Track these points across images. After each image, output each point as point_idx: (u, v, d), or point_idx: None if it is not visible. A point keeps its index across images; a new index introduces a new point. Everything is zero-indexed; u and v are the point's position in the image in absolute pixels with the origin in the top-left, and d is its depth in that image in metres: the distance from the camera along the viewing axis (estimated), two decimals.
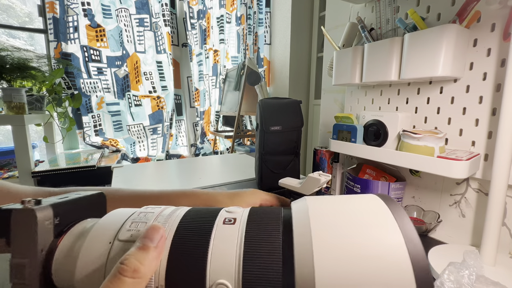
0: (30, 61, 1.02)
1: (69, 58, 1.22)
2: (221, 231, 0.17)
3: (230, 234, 0.17)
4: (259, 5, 1.65)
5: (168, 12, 1.43)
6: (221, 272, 0.15)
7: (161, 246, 0.17)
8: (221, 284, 0.15)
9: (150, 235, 0.17)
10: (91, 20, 1.27)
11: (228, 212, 0.19)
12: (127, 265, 0.15)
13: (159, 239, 0.17)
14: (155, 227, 0.17)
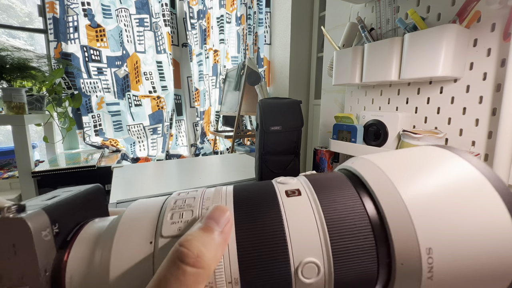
0: (30, 61, 1.02)
1: (69, 58, 1.22)
2: (290, 204, 0.14)
3: (302, 206, 0.14)
4: (259, 5, 1.65)
5: (168, 12, 1.43)
6: (305, 249, 0.13)
7: (227, 231, 0.14)
8: (309, 263, 0.13)
9: (215, 216, 0.14)
10: (91, 20, 1.27)
11: (282, 184, 0.16)
12: (188, 248, 0.12)
13: (226, 223, 0.14)
14: (220, 207, 0.14)
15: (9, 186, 1.03)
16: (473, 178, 0.13)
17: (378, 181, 0.14)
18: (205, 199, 0.15)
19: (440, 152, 0.15)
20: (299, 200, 0.14)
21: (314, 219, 0.14)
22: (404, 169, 0.14)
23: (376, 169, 0.14)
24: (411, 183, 0.13)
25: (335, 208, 0.14)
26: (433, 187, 0.13)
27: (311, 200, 0.14)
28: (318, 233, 0.13)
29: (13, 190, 1.01)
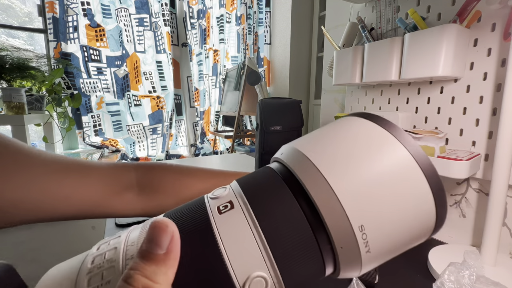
0: (30, 61, 1.01)
1: (68, 58, 1.22)
2: (223, 222, 0.13)
3: (236, 221, 0.13)
4: (259, 4, 1.65)
5: (168, 12, 1.43)
6: (247, 266, 0.13)
7: (174, 249, 0.12)
8: (256, 278, 0.13)
9: (154, 237, 0.12)
10: (91, 20, 1.26)
11: (214, 199, 0.15)
12: (132, 284, 0.11)
13: (170, 239, 0.12)
14: (157, 225, 0.12)
15: None
16: (400, 157, 0.14)
17: (308, 174, 0.14)
18: (129, 245, 0.14)
19: (369, 130, 0.15)
20: (232, 215, 0.14)
21: (251, 231, 0.13)
22: (333, 156, 0.14)
23: (304, 161, 0.14)
24: (340, 169, 0.13)
25: (271, 213, 0.13)
26: (361, 169, 0.13)
27: (244, 212, 0.14)
28: (257, 245, 0.13)
29: None
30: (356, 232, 0.13)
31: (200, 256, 0.13)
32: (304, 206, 0.13)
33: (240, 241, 0.13)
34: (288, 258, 0.13)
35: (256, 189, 0.15)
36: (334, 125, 0.16)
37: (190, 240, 0.13)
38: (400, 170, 0.13)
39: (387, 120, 0.15)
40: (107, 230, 0.57)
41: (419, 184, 0.13)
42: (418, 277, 0.45)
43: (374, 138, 0.14)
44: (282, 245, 0.13)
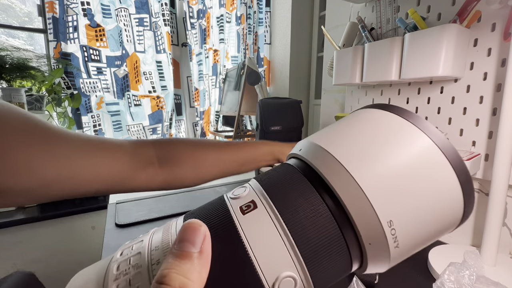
0: (30, 61, 1.01)
1: (68, 58, 1.22)
2: (248, 223, 0.13)
3: (261, 221, 0.13)
4: (259, 4, 1.65)
5: (167, 12, 1.43)
6: (276, 266, 0.12)
7: (206, 249, 0.12)
8: (285, 278, 0.12)
9: (188, 237, 0.12)
10: (91, 20, 1.26)
11: (235, 199, 0.14)
12: (169, 283, 0.11)
13: (203, 240, 0.12)
14: (191, 225, 0.12)
15: None
16: (425, 148, 0.13)
17: (332, 170, 0.13)
18: (153, 249, 0.13)
19: (390, 121, 0.14)
20: (256, 215, 0.13)
21: (277, 231, 0.13)
22: (356, 150, 0.13)
23: (327, 156, 0.14)
24: (365, 164, 0.13)
25: (296, 212, 0.13)
26: (386, 163, 0.13)
27: (268, 211, 0.13)
28: (284, 244, 0.13)
29: None
30: (385, 228, 0.12)
31: (229, 258, 0.13)
32: (329, 202, 0.13)
33: (266, 241, 0.13)
34: (316, 257, 0.13)
35: (277, 187, 0.14)
36: (351, 117, 0.16)
37: (217, 241, 0.13)
38: (425, 160, 0.13)
39: (406, 109, 0.14)
40: (107, 231, 0.57)
41: (446, 174, 0.13)
42: (418, 277, 0.45)
43: (395, 129, 0.14)
44: (309, 243, 0.13)
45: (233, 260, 0.12)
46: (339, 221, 0.13)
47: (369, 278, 0.42)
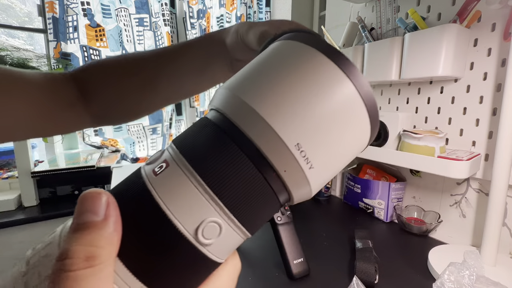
0: (30, 60, 1.01)
1: (68, 58, 1.22)
2: (160, 183, 0.13)
3: (173, 178, 0.13)
4: (259, 4, 1.65)
5: (168, 12, 1.43)
6: (195, 215, 0.12)
7: (113, 214, 0.11)
8: (210, 223, 0.13)
9: (86, 207, 0.11)
10: (91, 20, 1.26)
11: (150, 163, 0.14)
12: (72, 256, 0.10)
13: (106, 206, 0.11)
14: (87, 195, 0.11)
15: (8, 186, 1.03)
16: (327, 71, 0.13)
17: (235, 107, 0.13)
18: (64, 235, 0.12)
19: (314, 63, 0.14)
20: (168, 173, 0.13)
21: (191, 183, 0.13)
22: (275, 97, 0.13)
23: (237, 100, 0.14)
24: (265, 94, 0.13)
25: (208, 161, 0.13)
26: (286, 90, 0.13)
27: (181, 166, 0.13)
28: (201, 194, 0.13)
29: (12, 190, 1.01)
30: (294, 151, 0.13)
31: (143, 218, 0.12)
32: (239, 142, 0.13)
33: (181, 195, 0.13)
34: (238, 199, 0.13)
35: (191, 142, 0.14)
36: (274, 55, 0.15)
37: (130, 205, 0.13)
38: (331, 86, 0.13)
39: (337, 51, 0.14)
40: None
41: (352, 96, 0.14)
42: (418, 277, 0.45)
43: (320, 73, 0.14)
44: (228, 188, 0.13)
45: (148, 219, 0.12)
46: (253, 159, 0.13)
47: (369, 278, 0.42)
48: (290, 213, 0.48)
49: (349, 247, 0.54)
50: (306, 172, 0.13)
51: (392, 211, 0.65)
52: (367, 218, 0.68)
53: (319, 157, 0.13)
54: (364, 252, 0.47)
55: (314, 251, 0.52)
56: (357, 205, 0.73)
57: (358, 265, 0.43)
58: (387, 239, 0.58)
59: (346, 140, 0.14)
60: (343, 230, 0.61)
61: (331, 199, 0.81)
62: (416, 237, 0.58)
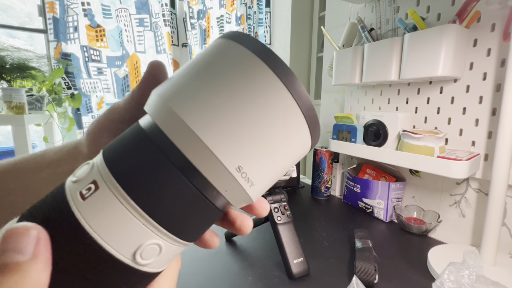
0: (30, 61, 1.02)
1: (69, 58, 1.22)
2: (89, 209, 0.12)
3: (104, 203, 0.12)
4: (259, 5, 1.65)
5: (168, 12, 1.43)
6: (132, 240, 0.12)
7: (43, 250, 0.10)
8: (149, 245, 0.12)
9: (12, 246, 0.10)
10: (91, 20, 1.26)
11: (76, 182, 0.13)
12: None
13: (35, 242, 0.10)
14: (14, 231, 0.10)
15: None
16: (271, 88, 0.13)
17: (177, 130, 0.13)
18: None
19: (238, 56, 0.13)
20: (98, 197, 0.12)
21: (124, 208, 0.12)
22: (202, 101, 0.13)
23: (172, 114, 0.13)
24: (208, 116, 0.12)
25: (143, 182, 0.12)
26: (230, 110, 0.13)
27: (112, 189, 0.12)
28: (136, 218, 0.12)
29: None
30: (235, 174, 0.13)
31: (75, 251, 0.11)
32: (178, 163, 0.12)
33: (113, 221, 0.12)
34: (176, 218, 0.13)
35: (121, 157, 0.13)
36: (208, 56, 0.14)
37: (58, 237, 0.11)
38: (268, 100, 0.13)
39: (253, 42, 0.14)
40: None
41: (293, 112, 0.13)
42: (418, 277, 0.45)
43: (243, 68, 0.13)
44: (165, 209, 0.12)
45: (81, 252, 0.11)
46: (192, 178, 0.13)
47: (369, 277, 0.42)
48: (290, 213, 0.48)
49: (348, 247, 0.54)
50: (247, 189, 0.13)
51: (391, 211, 0.65)
52: (367, 218, 0.68)
53: (260, 175, 0.13)
54: (364, 252, 0.47)
55: (314, 251, 0.52)
56: (357, 205, 0.73)
57: (358, 264, 0.43)
58: (386, 239, 0.58)
59: (287, 153, 0.14)
60: (342, 230, 0.61)
61: (330, 199, 0.81)
62: (415, 237, 0.58)
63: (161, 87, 0.14)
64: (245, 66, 0.13)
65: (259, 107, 0.13)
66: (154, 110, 0.14)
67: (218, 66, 0.13)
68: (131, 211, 0.12)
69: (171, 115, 0.13)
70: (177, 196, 0.12)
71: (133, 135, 0.14)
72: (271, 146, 0.13)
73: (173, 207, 0.12)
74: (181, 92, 0.13)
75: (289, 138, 0.14)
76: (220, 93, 0.13)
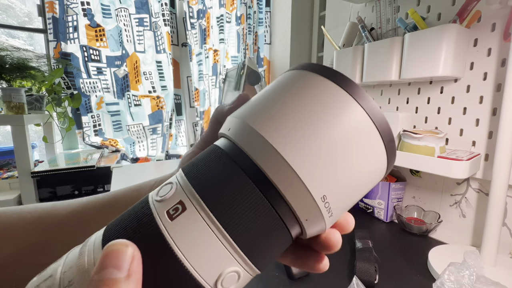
0: (30, 61, 1.01)
1: (68, 58, 1.22)
2: (177, 230, 0.12)
3: (192, 224, 0.12)
4: (259, 4, 1.65)
5: (167, 12, 1.43)
6: (216, 266, 0.12)
7: (136, 269, 0.11)
8: (229, 273, 0.12)
9: (112, 262, 0.10)
10: (91, 20, 1.26)
11: (161, 201, 0.13)
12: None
13: (130, 260, 0.10)
14: (114, 247, 0.11)
15: (8, 186, 1.03)
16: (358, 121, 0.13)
17: (263, 154, 0.13)
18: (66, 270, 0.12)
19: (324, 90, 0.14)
20: (186, 219, 0.12)
21: (211, 231, 0.12)
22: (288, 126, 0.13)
23: (258, 138, 0.13)
24: (295, 142, 0.13)
25: (229, 205, 0.12)
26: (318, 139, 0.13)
27: (199, 210, 0.12)
28: (221, 243, 0.12)
29: (12, 190, 1.01)
30: (319, 204, 0.13)
31: (162, 272, 0.12)
32: (263, 187, 0.13)
33: (201, 245, 0.12)
34: (257, 246, 0.13)
35: (206, 179, 0.13)
36: (284, 85, 0.15)
37: (147, 256, 0.12)
38: (358, 133, 0.13)
39: (343, 75, 0.14)
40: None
41: (376, 145, 0.14)
42: (418, 277, 0.45)
43: (330, 100, 0.13)
44: (247, 234, 0.12)
45: (167, 273, 0.12)
46: (275, 205, 0.13)
47: (369, 278, 0.42)
48: None
49: (349, 247, 0.54)
50: (326, 219, 0.13)
51: (392, 211, 0.65)
52: (367, 218, 0.68)
53: (340, 205, 0.13)
54: (364, 252, 0.47)
55: None
56: (357, 205, 0.73)
57: (358, 265, 0.43)
58: (387, 239, 0.58)
59: (365, 180, 0.14)
60: None
61: None
62: (416, 237, 0.58)
63: (238, 111, 0.15)
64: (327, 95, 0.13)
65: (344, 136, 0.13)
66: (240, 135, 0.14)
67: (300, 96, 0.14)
68: (218, 235, 0.12)
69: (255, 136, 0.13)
70: (260, 222, 0.12)
71: (216, 158, 0.14)
72: (354, 177, 0.13)
73: (255, 233, 0.12)
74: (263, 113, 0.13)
75: (369, 171, 0.14)
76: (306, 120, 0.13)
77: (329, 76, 0.14)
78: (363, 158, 0.13)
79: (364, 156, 0.13)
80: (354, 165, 0.13)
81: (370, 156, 0.13)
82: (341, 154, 0.13)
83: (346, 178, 0.13)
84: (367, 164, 0.13)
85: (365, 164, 0.13)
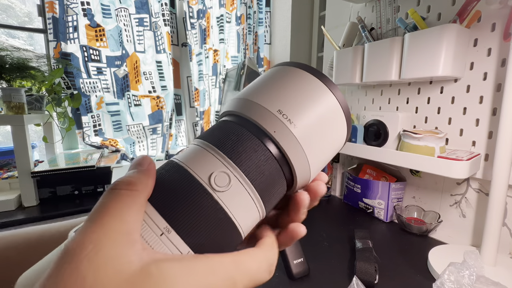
0: (30, 61, 1.01)
1: (68, 58, 1.22)
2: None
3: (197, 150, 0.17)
4: (259, 4, 1.65)
5: (167, 12, 1.43)
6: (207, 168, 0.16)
7: (152, 167, 0.17)
8: (221, 173, 0.16)
9: (138, 161, 0.17)
10: (91, 20, 1.26)
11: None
12: (119, 181, 0.15)
13: (148, 163, 0.17)
14: (139, 157, 0.17)
15: (8, 186, 1.03)
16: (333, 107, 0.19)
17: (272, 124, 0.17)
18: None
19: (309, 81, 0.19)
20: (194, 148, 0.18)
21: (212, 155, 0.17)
22: (288, 104, 0.18)
23: (266, 112, 0.17)
24: (296, 118, 0.17)
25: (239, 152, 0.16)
26: (309, 118, 0.18)
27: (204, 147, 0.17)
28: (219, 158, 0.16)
29: (12, 190, 1.01)
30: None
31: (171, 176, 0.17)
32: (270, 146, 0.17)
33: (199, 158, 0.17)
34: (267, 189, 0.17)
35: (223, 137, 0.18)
36: (276, 75, 0.20)
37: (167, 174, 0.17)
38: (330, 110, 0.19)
39: (320, 72, 0.20)
40: None
41: (341, 120, 0.20)
42: (418, 277, 0.45)
43: (313, 88, 0.19)
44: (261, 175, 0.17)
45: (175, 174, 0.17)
46: (280, 162, 0.17)
47: (369, 278, 0.42)
48: None
49: (349, 247, 0.54)
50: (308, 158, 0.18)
51: (392, 211, 0.65)
52: (367, 218, 0.68)
53: (317, 153, 0.19)
54: (364, 252, 0.47)
55: (314, 251, 0.52)
56: (357, 205, 0.73)
57: (358, 265, 0.43)
58: (387, 239, 0.58)
59: (334, 139, 0.20)
60: (343, 230, 0.61)
61: (331, 199, 0.81)
62: (416, 237, 0.58)
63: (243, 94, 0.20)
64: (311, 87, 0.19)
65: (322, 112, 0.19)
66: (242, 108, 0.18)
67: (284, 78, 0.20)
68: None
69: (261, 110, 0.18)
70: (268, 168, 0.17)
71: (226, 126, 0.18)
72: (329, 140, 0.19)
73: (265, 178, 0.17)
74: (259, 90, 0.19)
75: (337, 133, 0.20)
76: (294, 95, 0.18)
77: (310, 71, 0.20)
78: (333, 124, 0.19)
79: (334, 122, 0.19)
80: (328, 129, 0.19)
81: (338, 124, 0.19)
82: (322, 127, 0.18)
83: (323, 141, 0.19)
84: (335, 127, 0.19)
85: (334, 127, 0.19)
